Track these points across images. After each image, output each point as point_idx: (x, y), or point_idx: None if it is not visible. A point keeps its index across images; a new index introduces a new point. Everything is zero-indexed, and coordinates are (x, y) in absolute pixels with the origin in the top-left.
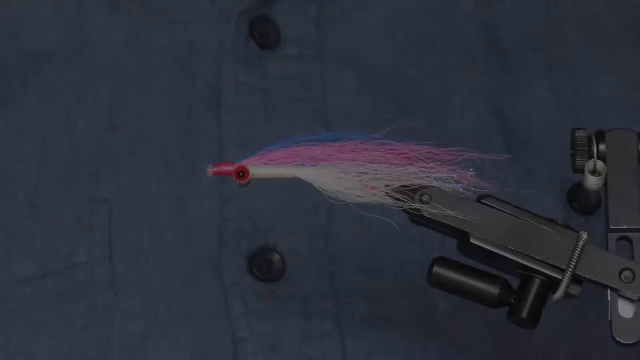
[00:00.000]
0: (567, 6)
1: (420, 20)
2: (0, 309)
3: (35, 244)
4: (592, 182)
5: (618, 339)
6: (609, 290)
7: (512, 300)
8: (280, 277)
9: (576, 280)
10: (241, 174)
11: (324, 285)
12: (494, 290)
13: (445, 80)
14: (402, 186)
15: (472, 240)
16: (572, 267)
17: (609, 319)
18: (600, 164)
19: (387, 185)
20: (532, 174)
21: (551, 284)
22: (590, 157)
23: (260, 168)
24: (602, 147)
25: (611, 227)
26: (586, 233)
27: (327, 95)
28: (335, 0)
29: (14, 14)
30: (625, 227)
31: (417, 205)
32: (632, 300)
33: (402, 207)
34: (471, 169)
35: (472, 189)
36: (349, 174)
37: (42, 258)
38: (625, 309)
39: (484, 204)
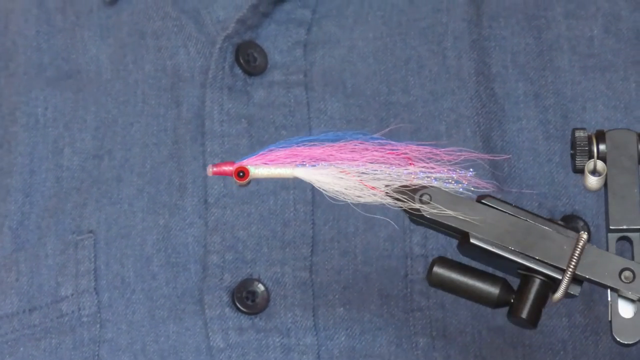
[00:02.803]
0: (560, 31)
1: (410, 42)
2: None
3: (20, 278)
4: (592, 182)
5: (618, 339)
6: (609, 290)
7: (512, 300)
8: (264, 308)
9: (576, 280)
10: (241, 174)
11: (306, 318)
12: (493, 290)
13: (434, 106)
14: (402, 186)
15: (472, 240)
16: (572, 267)
17: (609, 319)
18: (600, 164)
19: (387, 185)
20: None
21: (551, 284)
22: (590, 157)
23: (260, 168)
24: (602, 147)
25: (611, 227)
26: (586, 233)
27: (313, 123)
28: (323, 22)
29: (6, 37)
30: (625, 227)
31: (417, 205)
32: (632, 300)
33: (402, 207)
34: (471, 169)
35: (472, 189)
36: (348, 174)
37: (27, 292)
38: (625, 309)
39: (483, 204)
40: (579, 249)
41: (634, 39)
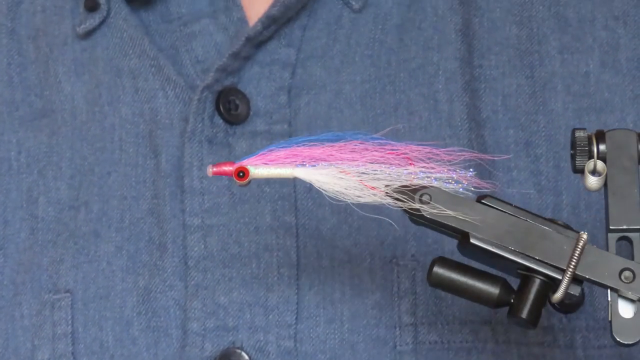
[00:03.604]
0: (554, 68)
1: (400, 85)
2: None
3: None
4: (592, 182)
5: (618, 339)
6: (609, 290)
7: (512, 300)
8: None
9: (576, 280)
10: (241, 174)
11: None
12: (493, 290)
13: None
14: (402, 186)
15: (472, 240)
16: (572, 267)
17: (609, 319)
18: (600, 164)
19: (387, 185)
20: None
21: (551, 284)
22: (590, 157)
23: (260, 168)
24: (602, 147)
25: (611, 227)
26: (586, 233)
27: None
28: (308, 63)
29: None
30: (625, 227)
31: (417, 205)
32: (632, 300)
33: (402, 207)
34: (471, 169)
35: (472, 189)
36: (348, 174)
37: (3, 356)
38: (625, 309)
39: (483, 204)
40: (579, 249)
41: (634, 70)
